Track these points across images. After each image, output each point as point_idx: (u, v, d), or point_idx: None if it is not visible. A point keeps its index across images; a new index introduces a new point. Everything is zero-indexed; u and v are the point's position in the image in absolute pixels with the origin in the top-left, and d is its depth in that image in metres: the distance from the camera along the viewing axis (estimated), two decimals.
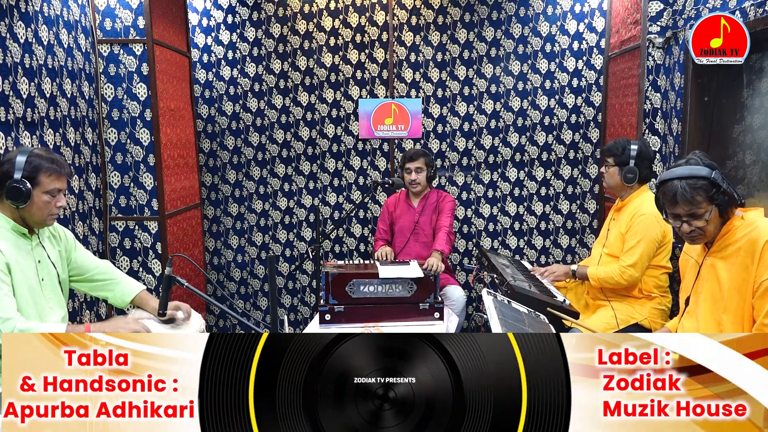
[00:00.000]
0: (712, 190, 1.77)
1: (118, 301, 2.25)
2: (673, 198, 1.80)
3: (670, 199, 1.81)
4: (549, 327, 2.20)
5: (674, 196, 1.80)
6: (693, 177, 1.78)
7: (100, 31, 3.21)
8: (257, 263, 4.30)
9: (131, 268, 3.38)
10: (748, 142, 2.72)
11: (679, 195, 1.78)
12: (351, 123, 4.10)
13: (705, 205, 1.79)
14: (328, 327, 2.73)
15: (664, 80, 3.08)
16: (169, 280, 2.02)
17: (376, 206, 4.17)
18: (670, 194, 1.81)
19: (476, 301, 4.17)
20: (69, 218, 2.88)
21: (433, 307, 2.78)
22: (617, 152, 2.76)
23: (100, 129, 3.24)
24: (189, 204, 3.80)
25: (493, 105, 4.05)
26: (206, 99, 4.11)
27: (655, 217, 2.65)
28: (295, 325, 4.30)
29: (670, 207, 1.84)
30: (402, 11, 3.99)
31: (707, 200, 1.78)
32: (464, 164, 4.12)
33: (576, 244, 4.14)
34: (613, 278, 2.71)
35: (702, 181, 1.77)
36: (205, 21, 4.05)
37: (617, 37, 3.59)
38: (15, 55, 2.46)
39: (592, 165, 4.02)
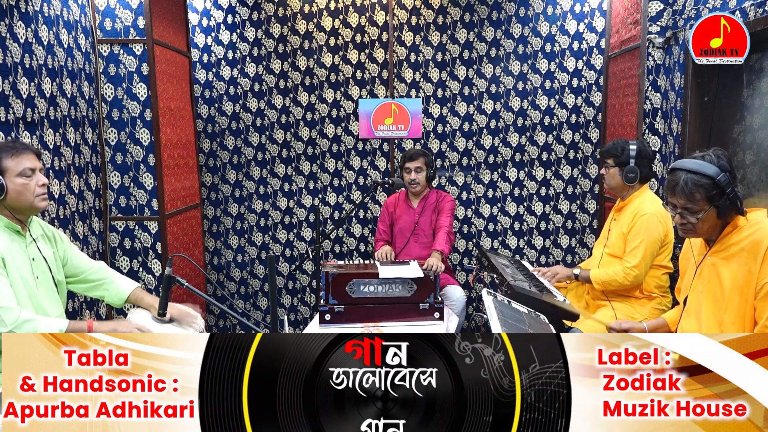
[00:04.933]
0: (713, 191, 1.76)
1: (114, 300, 2.25)
2: (673, 188, 1.82)
3: (671, 189, 1.83)
4: (549, 327, 2.20)
5: (674, 187, 1.81)
6: (698, 173, 1.77)
7: (100, 31, 3.21)
8: (257, 263, 4.30)
9: (131, 268, 3.38)
10: (748, 142, 2.72)
11: (679, 187, 1.79)
12: (351, 123, 4.10)
13: (702, 203, 1.78)
14: (328, 327, 2.73)
15: (664, 80, 3.08)
16: (169, 280, 2.02)
17: (376, 206, 4.17)
18: (672, 183, 1.82)
19: (476, 301, 4.17)
20: (69, 218, 2.88)
21: (433, 307, 2.78)
22: (617, 153, 2.75)
23: (100, 129, 3.24)
24: (189, 204, 3.80)
25: (493, 105, 4.05)
26: (206, 99, 4.11)
27: (656, 217, 2.65)
28: (295, 325, 4.30)
29: (669, 195, 1.86)
30: (402, 11, 3.99)
31: (706, 200, 1.78)
32: (464, 164, 4.11)
33: (576, 244, 4.14)
34: (617, 280, 2.70)
35: (706, 180, 1.76)
36: (205, 21, 4.05)
37: (617, 37, 3.59)
38: (15, 55, 2.46)
39: (592, 165, 4.02)
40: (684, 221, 1.84)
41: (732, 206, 1.78)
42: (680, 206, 1.82)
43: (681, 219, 1.84)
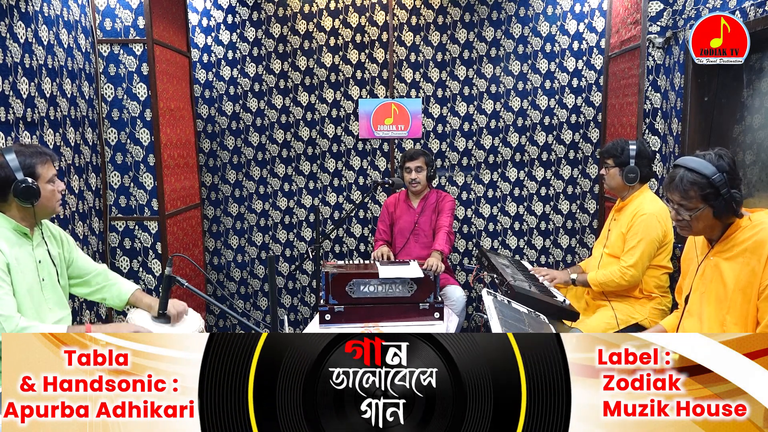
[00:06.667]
0: (707, 190, 1.78)
1: (115, 302, 2.26)
2: (670, 184, 1.86)
3: (668, 184, 1.88)
4: (549, 327, 2.20)
5: (671, 183, 1.86)
6: (695, 171, 1.80)
7: (100, 31, 3.21)
8: (257, 263, 4.30)
9: (131, 268, 3.38)
10: (748, 142, 2.72)
11: (675, 183, 1.84)
12: (351, 123, 4.10)
13: (696, 201, 1.81)
14: (328, 327, 2.73)
15: (664, 80, 3.08)
16: (169, 280, 2.02)
17: (376, 206, 4.17)
18: (669, 179, 1.87)
19: (476, 301, 4.17)
20: (69, 218, 2.88)
21: (433, 307, 2.78)
22: (617, 153, 2.75)
23: (100, 129, 3.24)
24: (189, 204, 3.80)
25: (493, 105, 4.05)
26: (206, 99, 4.11)
27: (656, 217, 2.65)
28: (295, 325, 4.30)
29: (666, 190, 1.90)
30: (402, 11, 3.99)
31: (700, 198, 1.80)
32: (464, 164, 4.11)
33: (576, 244, 4.14)
34: (614, 280, 2.70)
35: (701, 179, 1.78)
36: (205, 21, 4.05)
37: (617, 37, 3.58)
38: (15, 55, 2.46)
39: (592, 165, 4.02)
40: (680, 218, 1.87)
41: (728, 208, 1.79)
42: (675, 202, 1.87)
43: (677, 215, 1.88)
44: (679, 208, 1.85)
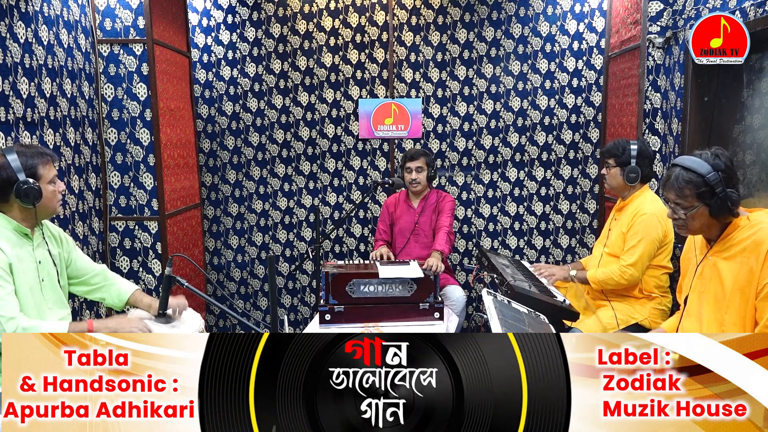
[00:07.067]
0: (702, 189, 1.80)
1: (114, 302, 2.27)
2: (665, 182, 1.89)
3: (665, 183, 1.90)
4: (549, 327, 2.20)
5: (667, 181, 1.88)
6: (690, 170, 1.81)
7: (100, 31, 3.21)
8: (257, 263, 4.30)
9: (131, 268, 3.38)
10: (748, 142, 2.72)
11: (670, 182, 1.86)
12: (351, 123, 4.10)
13: (691, 200, 1.83)
14: (328, 327, 2.73)
15: (664, 80, 3.08)
16: (169, 280, 2.02)
17: (376, 206, 4.17)
18: (666, 178, 1.89)
19: (476, 301, 4.16)
20: (69, 218, 2.88)
21: (433, 307, 2.78)
22: (618, 153, 2.75)
23: (100, 129, 3.24)
24: (189, 204, 3.80)
25: (493, 105, 4.05)
26: (206, 99, 4.11)
27: (656, 216, 2.65)
28: (295, 325, 4.30)
29: (663, 189, 1.93)
30: (402, 11, 3.99)
31: (695, 197, 1.81)
32: (464, 164, 4.11)
33: (576, 244, 4.14)
34: (613, 279, 2.70)
35: (696, 178, 1.80)
36: (205, 21, 4.05)
37: (617, 37, 3.58)
38: (15, 55, 2.46)
39: (592, 165, 4.02)
40: (676, 216, 1.89)
41: (723, 207, 1.80)
42: (671, 201, 1.89)
43: (673, 213, 1.90)
44: (675, 206, 1.87)
